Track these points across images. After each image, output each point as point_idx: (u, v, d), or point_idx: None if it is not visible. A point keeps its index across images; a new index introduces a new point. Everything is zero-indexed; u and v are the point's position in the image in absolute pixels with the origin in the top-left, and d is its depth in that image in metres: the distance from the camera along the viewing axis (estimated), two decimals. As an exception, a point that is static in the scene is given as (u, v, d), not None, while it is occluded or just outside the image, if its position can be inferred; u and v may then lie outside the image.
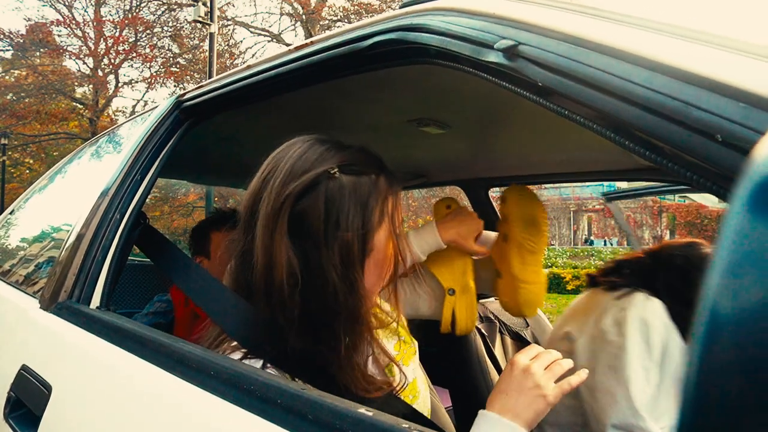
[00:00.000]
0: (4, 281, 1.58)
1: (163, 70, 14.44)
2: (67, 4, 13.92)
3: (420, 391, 0.84)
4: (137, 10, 14.29)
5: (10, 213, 2.24)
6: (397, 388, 0.75)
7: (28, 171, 16.10)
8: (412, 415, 0.74)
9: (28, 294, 1.29)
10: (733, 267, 0.22)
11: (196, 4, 8.89)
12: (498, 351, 1.74)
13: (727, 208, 0.24)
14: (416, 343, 0.90)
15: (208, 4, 8.91)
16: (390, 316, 0.84)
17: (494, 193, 2.19)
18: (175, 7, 14.23)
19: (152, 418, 0.69)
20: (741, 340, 0.21)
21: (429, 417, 0.83)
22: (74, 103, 14.84)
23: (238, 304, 0.72)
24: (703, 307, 0.23)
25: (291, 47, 0.85)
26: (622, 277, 1.17)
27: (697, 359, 0.22)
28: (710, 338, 0.22)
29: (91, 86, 14.56)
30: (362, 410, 0.50)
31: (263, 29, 15.38)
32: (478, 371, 1.59)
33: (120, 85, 14.92)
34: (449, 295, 1.13)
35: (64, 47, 14.25)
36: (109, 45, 13.92)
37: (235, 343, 0.70)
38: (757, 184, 0.23)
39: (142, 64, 14.40)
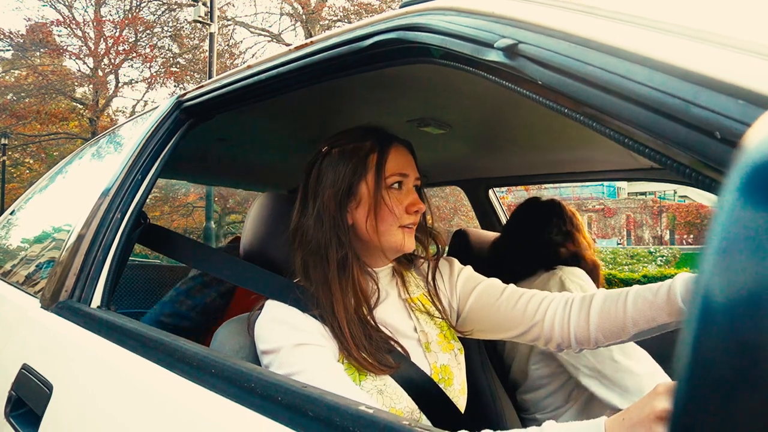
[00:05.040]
0: (5, 281, 1.58)
1: (163, 70, 14.43)
2: (67, 4, 13.92)
3: (454, 382, 0.85)
4: (137, 10, 14.28)
5: (11, 213, 2.24)
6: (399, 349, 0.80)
7: (28, 171, 16.09)
8: (424, 382, 0.79)
9: (29, 294, 1.30)
10: (725, 250, 0.23)
11: (196, 4, 8.90)
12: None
13: (720, 194, 0.24)
14: (460, 345, 0.91)
15: (208, 4, 8.92)
16: (438, 310, 0.91)
17: (501, 192, 2.19)
18: (175, 7, 14.22)
19: (153, 416, 0.69)
20: (734, 322, 0.22)
21: (461, 411, 0.84)
22: (74, 103, 14.83)
23: (263, 272, 0.89)
24: (696, 290, 0.23)
25: (291, 47, 0.85)
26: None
27: (691, 341, 0.23)
28: (704, 321, 0.23)
29: (91, 86, 14.54)
30: (362, 407, 0.50)
31: (263, 29, 15.37)
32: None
33: (120, 85, 14.92)
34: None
35: (64, 47, 14.24)
36: (109, 45, 13.90)
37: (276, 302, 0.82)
38: (749, 170, 0.23)
39: (142, 64, 14.39)
